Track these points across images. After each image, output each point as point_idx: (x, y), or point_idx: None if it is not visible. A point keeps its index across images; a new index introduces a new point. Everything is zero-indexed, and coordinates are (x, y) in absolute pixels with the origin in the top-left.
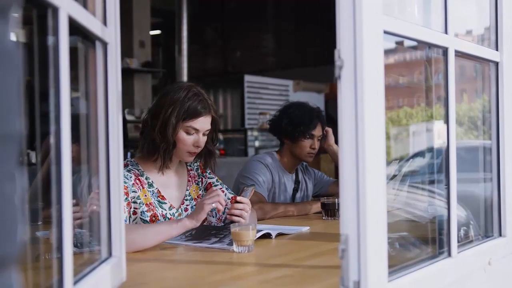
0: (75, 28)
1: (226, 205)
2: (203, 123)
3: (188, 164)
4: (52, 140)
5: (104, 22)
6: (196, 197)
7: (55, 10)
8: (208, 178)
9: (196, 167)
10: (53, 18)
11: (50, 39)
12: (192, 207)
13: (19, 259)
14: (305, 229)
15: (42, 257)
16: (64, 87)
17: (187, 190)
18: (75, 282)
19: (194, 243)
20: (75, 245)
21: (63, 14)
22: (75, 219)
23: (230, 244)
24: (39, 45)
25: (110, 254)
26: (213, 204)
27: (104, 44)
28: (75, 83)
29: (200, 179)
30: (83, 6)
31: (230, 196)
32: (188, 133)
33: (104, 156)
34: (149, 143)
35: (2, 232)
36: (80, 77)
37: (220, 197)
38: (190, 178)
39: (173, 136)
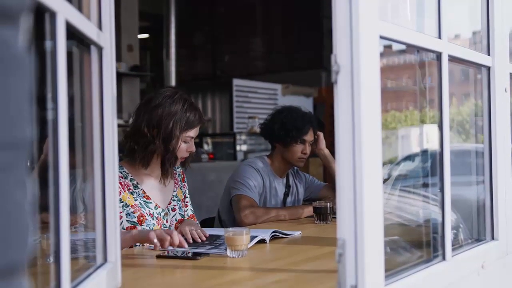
0: (71, 33)
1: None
2: (197, 130)
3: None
4: (49, 145)
5: (99, 27)
6: (181, 199)
7: (53, 14)
8: (186, 188)
9: (178, 173)
10: (50, 22)
11: (47, 44)
12: (179, 207)
13: (29, 265)
14: (298, 233)
15: (36, 263)
16: (62, 91)
17: (174, 191)
18: None
19: (190, 248)
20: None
21: (61, 19)
22: None
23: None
24: (35, 50)
25: (105, 259)
26: (155, 240)
27: (100, 49)
28: (69, 87)
29: (183, 185)
30: (79, 10)
31: (190, 213)
32: (185, 142)
33: (99, 161)
34: (150, 154)
35: (14, 239)
36: (74, 82)
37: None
38: (176, 180)
39: (177, 148)
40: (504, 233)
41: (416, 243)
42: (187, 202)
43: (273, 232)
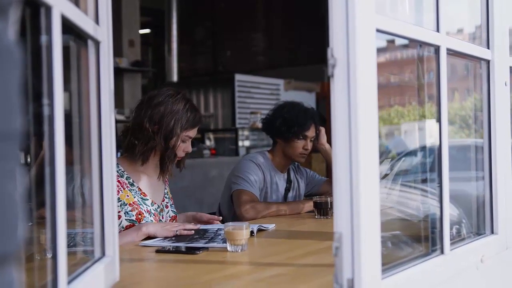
0: (67, 27)
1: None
2: (196, 131)
3: None
4: (45, 140)
5: (97, 21)
6: (170, 197)
7: (48, 8)
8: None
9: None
10: (46, 17)
11: (43, 38)
12: (171, 204)
13: (20, 257)
14: (271, 226)
15: (35, 257)
16: (58, 86)
17: (165, 189)
18: (69, 282)
19: (186, 243)
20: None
21: (56, 13)
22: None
23: (225, 242)
24: (31, 44)
25: (103, 253)
26: (177, 232)
27: (97, 43)
28: (66, 82)
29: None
30: (75, 5)
31: (172, 214)
32: (183, 141)
33: (97, 156)
34: (149, 150)
35: (3, 230)
36: (71, 77)
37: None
38: (166, 180)
39: (176, 145)
40: (504, 227)
41: (416, 238)
42: (169, 202)
43: (258, 228)
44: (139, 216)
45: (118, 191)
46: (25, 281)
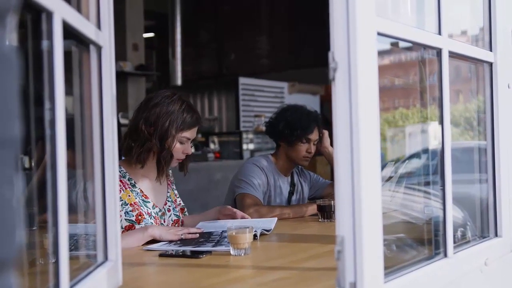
0: (69, 32)
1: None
2: (195, 132)
3: None
4: (47, 145)
5: (98, 26)
6: (173, 200)
7: (49, 14)
8: (175, 189)
9: (170, 175)
10: (47, 22)
11: (44, 43)
12: (173, 208)
13: (18, 263)
14: (274, 220)
15: (38, 262)
16: (59, 91)
17: (168, 192)
18: (71, 286)
19: (193, 247)
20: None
21: (57, 18)
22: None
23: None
24: (32, 49)
25: (106, 258)
26: (182, 236)
27: (99, 48)
28: (69, 87)
29: (173, 186)
30: (77, 10)
31: (174, 218)
32: (181, 142)
33: (99, 160)
34: (146, 151)
35: (2, 236)
36: (74, 81)
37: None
38: (169, 182)
39: (172, 146)
40: (508, 230)
41: (419, 241)
42: (179, 200)
43: (261, 232)
44: (139, 217)
45: (120, 190)
46: (27, 285)
